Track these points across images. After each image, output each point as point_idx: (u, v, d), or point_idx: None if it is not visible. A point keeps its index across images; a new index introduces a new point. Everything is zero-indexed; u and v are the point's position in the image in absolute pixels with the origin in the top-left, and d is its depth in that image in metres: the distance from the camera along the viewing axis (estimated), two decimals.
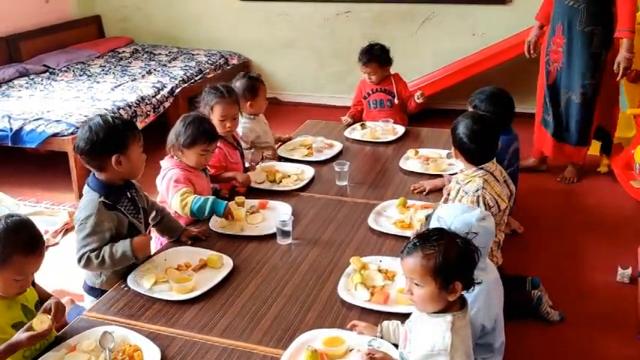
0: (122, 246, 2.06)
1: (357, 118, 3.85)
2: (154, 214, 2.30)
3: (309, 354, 1.65)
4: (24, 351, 1.73)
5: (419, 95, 3.76)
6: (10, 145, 3.93)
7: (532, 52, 3.98)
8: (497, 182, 2.29)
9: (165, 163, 2.62)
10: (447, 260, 1.50)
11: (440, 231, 1.60)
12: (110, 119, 2.10)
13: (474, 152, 2.28)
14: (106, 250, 2.04)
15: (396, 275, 2.07)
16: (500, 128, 2.41)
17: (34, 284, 1.91)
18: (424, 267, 1.51)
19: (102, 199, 2.07)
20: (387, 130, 3.57)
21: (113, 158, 2.06)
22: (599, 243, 3.29)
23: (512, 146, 2.97)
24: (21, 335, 1.68)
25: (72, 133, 3.79)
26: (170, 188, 2.51)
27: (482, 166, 2.29)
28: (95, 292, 2.17)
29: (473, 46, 5.08)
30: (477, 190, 2.24)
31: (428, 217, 1.93)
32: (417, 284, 1.54)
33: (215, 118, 2.85)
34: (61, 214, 3.63)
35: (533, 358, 2.45)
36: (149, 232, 2.28)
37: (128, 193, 2.17)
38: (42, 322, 1.71)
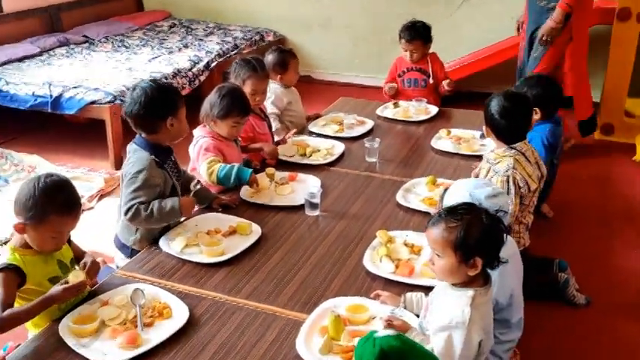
0: (171, 202, 2.15)
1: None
2: (195, 180, 2.37)
3: (333, 318, 1.69)
4: (59, 305, 1.81)
5: (447, 83, 3.74)
6: (49, 111, 4.04)
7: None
8: (529, 163, 2.28)
9: (198, 131, 2.67)
10: (469, 235, 1.50)
11: (469, 206, 1.60)
12: (162, 84, 2.19)
13: (504, 130, 2.26)
14: (155, 204, 2.13)
15: (422, 250, 2.09)
16: (550, 113, 2.36)
17: (69, 242, 1.98)
18: (445, 239, 1.52)
19: (153, 157, 2.17)
20: (419, 109, 3.55)
21: (167, 120, 2.15)
22: (632, 232, 3.24)
23: (563, 136, 2.95)
24: (56, 288, 1.74)
25: (110, 102, 3.89)
26: (200, 156, 2.56)
27: (514, 145, 2.27)
28: (127, 250, 2.26)
29: (510, 29, 4.99)
30: (508, 170, 2.23)
31: (444, 193, 1.93)
32: (438, 255, 1.55)
33: (246, 91, 2.88)
34: (96, 179, 3.73)
35: (555, 338, 2.45)
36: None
37: (172, 156, 2.25)
38: (76, 277, 1.78)
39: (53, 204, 1.78)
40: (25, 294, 1.80)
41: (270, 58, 3.37)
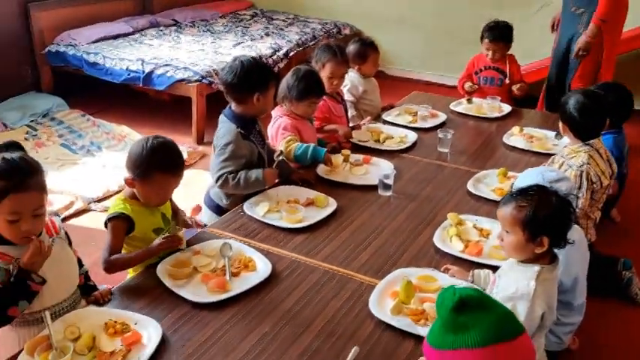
0: (256, 172, 2.35)
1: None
2: (278, 151, 2.55)
3: (405, 284, 1.82)
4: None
5: (518, 87, 3.78)
6: (141, 85, 4.34)
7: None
8: (602, 159, 2.33)
9: (276, 111, 2.84)
10: (537, 214, 1.59)
11: (540, 187, 1.70)
12: (260, 61, 2.39)
13: (581, 126, 2.33)
14: (242, 174, 2.34)
15: (491, 234, 2.18)
16: (618, 122, 2.40)
17: (170, 199, 2.18)
18: (514, 217, 1.62)
19: (239, 129, 2.36)
20: (493, 106, 3.62)
21: (255, 95, 2.34)
22: None
23: (626, 146, 2.97)
24: (158, 241, 1.93)
25: (197, 81, 4.14)
26: (279, 135, 2.73)
27: (589, 142, 2.33)
28: (220, 210, 2.48)
29: None
30: (582, 165, 2.29)
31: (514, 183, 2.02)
32: (507, 232, 1.66)
33: (324, 75, 3.03)
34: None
35: (611, 331, 2.49)
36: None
37: (257, 127, 2.43)
38: (175, 231, 1.98)
39: (158, 162, 1.95)
40: (132, 241, 2.00)
41: (351, 47, 3.51)
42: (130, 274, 2.05)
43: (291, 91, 2.74)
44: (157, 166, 1.95)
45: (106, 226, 1.96)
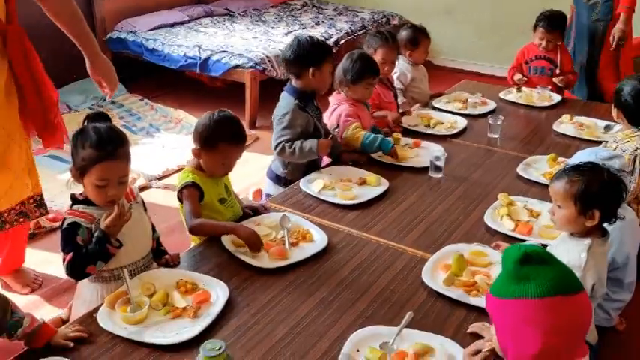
0: (310, 143, 2.48)
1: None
2: (334, 127, 2.66)
3: (457, 257, 1.89)
4: None
5: (560, 80, 3.77)
6: (197, 71, 4.51)
7: None
8: None
9: (334, 99, 2.93)
10: (589, 188, 1.65)
11: (591, 164, 1.75)
12: (316, 39, 2.53)
13: (636, 112, 2.35)
14: (298, 144, 2.48)
15: (541, 215, 2.23)
16: None
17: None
18: (567, 191, 1.69)
19: (296, 101, 2.51)
20: (543, 96, 3.63)
21: (310, 70, 2.47)
22: None
23: None
24: (245, 228, 2.01)
25: (251, 67, 4.28)
26: (341, 122, 2.82)
27: None
28: (278, 179, 2.64)
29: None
30: (636, 150, 2.31)
31: None
32: (559, 206, 1.72)
33: (376, 60, 3.11)
34: None
35: None
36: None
37: (314, 101, 2.57)
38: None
39: (223, 134, 2.08)
40: (201, 210, 2.11)
41: (403, 33, 3.56)
42: (193, 241, 2.19)
43: (347, 75, 2.82)
44: (221, 137, 2.08)
45: (179, 196, 2.09)
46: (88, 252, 1.72)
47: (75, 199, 1.80)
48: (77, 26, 2.30)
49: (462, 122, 3.22)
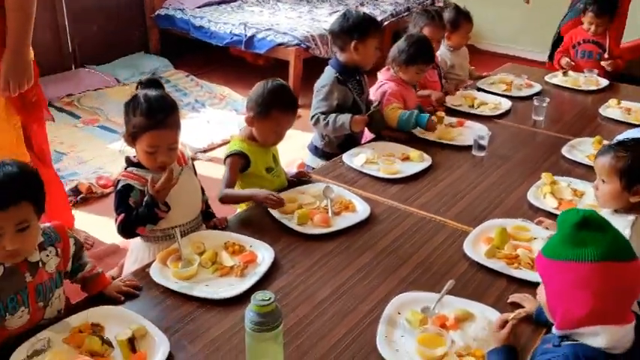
0: (344, 117, 2.52)
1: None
2: (376, 102, 2.68)
3: (500, 230, 1.91)
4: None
5: (609, 63, 3.69)
6: (242, 48, 4.58)
7: None
8: None
9: (382, 75, 2.95)
10: (635, 164, 1.65)
11: (638, 139, 1.75)
12: (363, 13, 2.55)
13: None
14: (332, 116, 2.53)
15: (585, 195, 2.22)
16: None
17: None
18: (612, 166, 1.69)
19: (337, 74, 2.56)
20: (590, 80, 3.58)
21: (353, 42, 2.51)
22: None
23: None
24: (263, 192, 2.06)
25: (295, 45, 4.33)
26: (384, 99, 2.84)
27: None
28: (318, 151, 2.72)
29: None
30: None
31: None
32: (603, 181, 1.72)
33: None
34: None
35: None
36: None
37: (357, 76, 2.59)
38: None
39: (276, 101, 2.13)
40: (247, 177, 2.19)
41: (445, 14, 3.52)
42: (240, 208, 2.26)
43: (400, 55, 2.83)
44: (275, 105, 2.13)
45: (225, 162, 2.16)
46: (138, 215, 1.80)
47: (129, 161, 1.88)
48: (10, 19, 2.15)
49: (506, 104, 3.20)
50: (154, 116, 1.77)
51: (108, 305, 1.58)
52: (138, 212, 1.80)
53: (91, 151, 3.56)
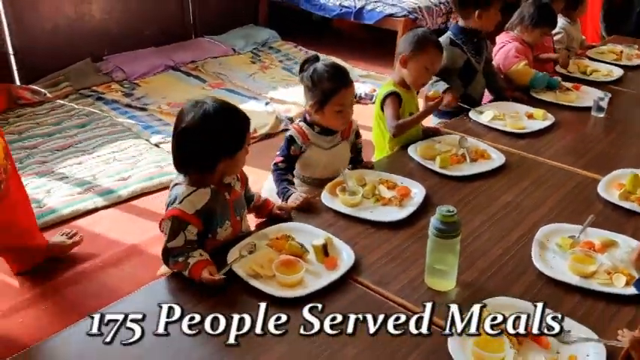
0: (441, 85, 2.67)
1: None
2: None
3: (632, 176, 2.05)
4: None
5: None
6: (352, 20, 4.82)
7: None
8: None
9: (502, 37, 3.13)
10: None
11: None
12: None
13: None
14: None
15: None
16: None
17: None
18: None
19: (450, 36, 2.77)
20: None
21: (477, 11, 2.70)
22: None
23: None
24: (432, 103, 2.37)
25: (404, 16, 4.53)
26: (510, 56, 3.01)
27: None
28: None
29: None
30: None
31: None
32: None
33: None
34: (386, 79, 4.44)
35: None
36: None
37: (475, 39, 2.80)
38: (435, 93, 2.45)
39: (340, 80, 2.08)
40: None
41: None
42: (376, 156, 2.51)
43: (524, 19, 3.02)
44: (430, 42, 2.36)
45: (381, 105, 2.40)
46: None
47: (304, 119, 2.17)
48: None
49: (619, 71, 3.31)
50: (340, 78, 2.07)
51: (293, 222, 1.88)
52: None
53: None
